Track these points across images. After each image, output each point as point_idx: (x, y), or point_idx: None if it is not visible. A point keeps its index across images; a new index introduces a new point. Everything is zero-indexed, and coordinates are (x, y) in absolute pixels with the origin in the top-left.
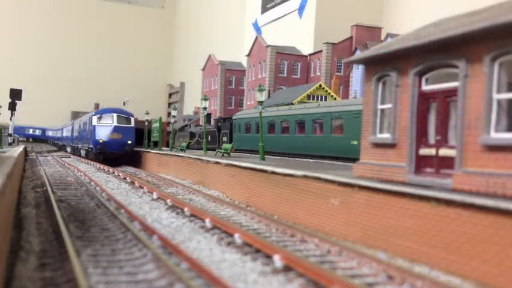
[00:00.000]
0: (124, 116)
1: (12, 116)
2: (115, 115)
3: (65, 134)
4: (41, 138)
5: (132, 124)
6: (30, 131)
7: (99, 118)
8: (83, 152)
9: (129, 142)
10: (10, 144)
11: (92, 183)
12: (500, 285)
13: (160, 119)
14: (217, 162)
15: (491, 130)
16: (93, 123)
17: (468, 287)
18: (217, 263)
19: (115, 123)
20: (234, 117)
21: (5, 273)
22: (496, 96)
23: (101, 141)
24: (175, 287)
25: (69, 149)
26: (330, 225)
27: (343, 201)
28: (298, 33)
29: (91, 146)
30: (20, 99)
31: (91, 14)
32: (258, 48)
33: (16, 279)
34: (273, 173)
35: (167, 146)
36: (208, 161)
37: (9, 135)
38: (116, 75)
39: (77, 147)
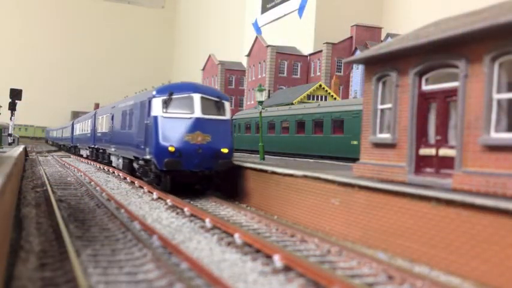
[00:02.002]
0: (213, 98)
1: (12, 116)
2: (197, 97)
3: (77, 133)
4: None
5: (227, 115)
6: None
7: (167, 102)
8: (117, 163)
9: (224, 150)
10: (10, 144)
11: (92, 183)
12: (500, 285)
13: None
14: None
15: (491, 130)
16: (153, 112)
17: (468, 287)
18: (217, 263)
19: (198, 113)
20: (234, 117)
21: (5, 273)
22: (496, 96)
23: (171, 149)
24: (175, 287)
25: (84, 153)
26: (330, 225)
27: (343, 201)
28: (298, 33)
29: (148, 156)
30: (20, 99)
31: (91, 14)
32: (258, 48)
33: (16, 279)
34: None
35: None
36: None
37: (9, 135)
38: (116, 75)
39: (102, 150)
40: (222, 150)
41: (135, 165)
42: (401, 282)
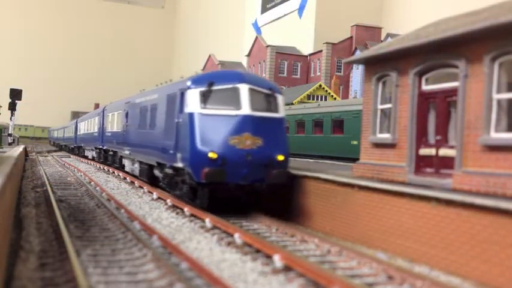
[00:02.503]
0: (264, 90)
1: (12, 116)
2: (245, 88)
3: (81, 132)
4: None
5: (281, 111)
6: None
7: (206, 95)
8: (131, 167)
9: (280, 158)
10: (10, 144)
11: (92, 183)
12: (500, 285)
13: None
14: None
15: (491, 130)
16: (187, 108)
17: (468, 287)
18: (217, 263)
19: (246, 110)
20: None
21: (5, 273)
22: (496, 96)
23: (212, 155)
24: (175, 287)
25: (90, 154)
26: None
27: (343, 201)
28: (298, 33)
29: (179, 164)
30: (20, 99)
31: (91, 14)
32: (258, 48)
33: (16, 279)
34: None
35: None
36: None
37: (9, 135)
38: (116, 75)
39: (112, 153)
40: (276, 157)
41: (158, 173)
42: (401, 282)
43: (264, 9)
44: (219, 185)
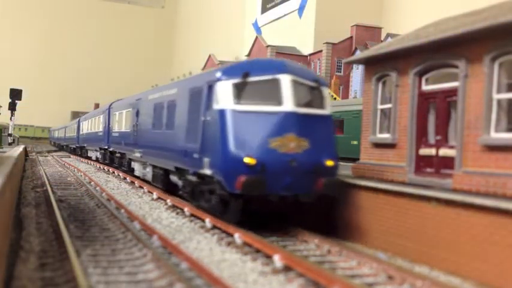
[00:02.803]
0: (308, 82)
1: (12, 116)
2: (287, 79)
3: (84, 132)
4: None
5: (328, 108)
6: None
7: (240, 88)
8: (142, 172)
9: (329, 163)
10: (10, 144)
11: (92, 183)
12: (500, 286)
13: None
14: None
15: (491, 130)
16: (218, 104)
17: (468, 287)
18: (217, 263)
19: (289, 106)
20: None
21: (5, 273)
22: (496, 96)
23: (249, 161)
24: (175, 287)
25: (94, 155)
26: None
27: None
28: (298, 33)
29: (207, 171)
30: (20, 99)
31: (91, 14)
32: (258, 48)
33: (16, 279)
34: None
35: None
36: None
37: (9, 135)
38: (116, 75)
39: (119, 155)
40: (325, 162)
41: (176, 179)
42: (401, 282)
43: (264, 9)
44: (257, 196)
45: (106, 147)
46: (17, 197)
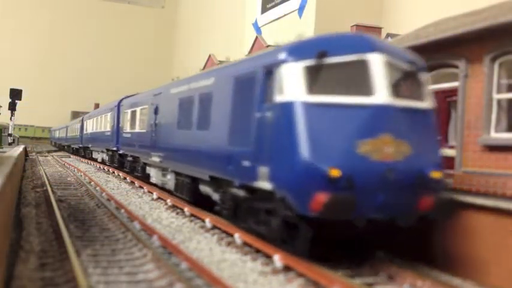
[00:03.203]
0: (403, 65)
1: (12, 116)
2: (379, 60)
3: (88, 131)
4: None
5: (428, 99)
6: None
7: (314, 73)
8: (161, 180)
9: (435, 174)
10: (10, 144)
11: (92, 183)
12: (500, 286)
13: None
14: None
15: (491, 130)
16: (282, 95)
17: (468, 287)
18: (217, 263)
19: (385, 98)
20: None
21: (5, 273)
22: (496, 96)
23: (333, 172)
24: (175, 287)
25: (100, 157)
26: None
27: None
28: (298, 33)
29: (266, 184)
30: (20, 99)
31: (91, 14)
32: (258, 48)
33: (16, 279)
34: None
35: None
36: None
37: (9, 135)
38: (116, 75)
39: (132, 158)
40: (431, 174)
41: (210, 192)
42: (402, 282)
43: (264, 9)
44: (334, 221)
45: (115, 149)
46: (17, 197)
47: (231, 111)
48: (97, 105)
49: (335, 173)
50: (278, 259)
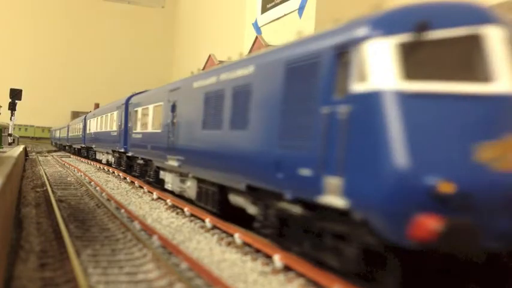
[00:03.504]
0: None
1: (12, 116)
2: (499, 35)
3: (91, 131)
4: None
5: None
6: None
7: (410, 53)
8: (179, 186)
9: None
10: (10, 144)
11: (92, 183)
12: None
13: None
14: None
15: None
16: (364, 85)
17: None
18: (217, 263)
19: (508, 85)
20: None
21: (5, 273)
22: None
23: (443, 187)
24: (175, 287)
25: (105, 158)
26: None
27: None
28: (298, 33)
29: (340, 201)
30: (20, 99)
31: (91, 14)
32: (258, 48)
33: (16, 279)
34: None
35: None
36: None
37: (9, 135)
38: (116, 74)
39: (143, 161)
40: None
41: (247, 204)
42: None
43: (264, 9)
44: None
45: (122, 150)
46: (17, 197)
47: (281, 106)
48: (97, 105)
49: (447, 188)
50: (278, 259)
